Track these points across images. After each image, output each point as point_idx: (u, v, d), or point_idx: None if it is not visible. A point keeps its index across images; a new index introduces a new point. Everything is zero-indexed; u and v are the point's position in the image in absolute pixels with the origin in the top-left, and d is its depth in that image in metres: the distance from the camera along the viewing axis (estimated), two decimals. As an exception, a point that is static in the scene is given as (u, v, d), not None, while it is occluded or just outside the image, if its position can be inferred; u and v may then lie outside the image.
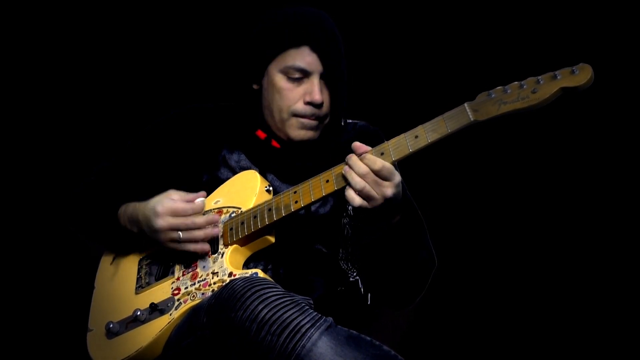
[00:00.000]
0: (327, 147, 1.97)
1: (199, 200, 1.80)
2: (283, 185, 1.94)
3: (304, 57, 1.87)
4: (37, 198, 2.93)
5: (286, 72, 1.88)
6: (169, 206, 1.76)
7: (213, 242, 1.82)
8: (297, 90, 1.88)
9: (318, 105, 1.88)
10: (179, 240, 1.77)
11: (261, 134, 1.99)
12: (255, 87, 1.98)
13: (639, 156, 2.68)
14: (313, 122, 1.90)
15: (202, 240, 1.77)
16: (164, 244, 1.80)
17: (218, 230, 1.77)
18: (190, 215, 1.77)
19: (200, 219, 1.76)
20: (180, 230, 1.75)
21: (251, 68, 1.95)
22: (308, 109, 1.88)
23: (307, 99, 1.87)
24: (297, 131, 1.91)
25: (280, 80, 1.89)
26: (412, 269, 1.81)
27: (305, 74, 1.88)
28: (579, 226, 2.82)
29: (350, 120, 2.08)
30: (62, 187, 2.10)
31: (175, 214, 1.76)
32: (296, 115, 1.89)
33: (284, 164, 1.96)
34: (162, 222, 1.76)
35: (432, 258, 1.87)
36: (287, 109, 1.89)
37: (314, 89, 1.87)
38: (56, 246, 2.90)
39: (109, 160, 2.07)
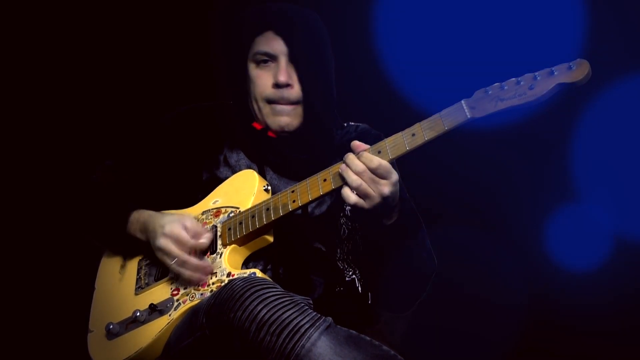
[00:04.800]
0: (326, 144, 1.97)
1: (203, 240, 1.79)
2: (282, 180, 1.94)
3: (268, 42, 1.90)
4: (37, 198, 2.92)
5: (254, 59, 1.92)
6: (176, 233, 1.77)
7: (212, 242, 1.82)
8: (266, 76, 1.91)
9: (285, 86, 1.88)
10: (171, 269, 1.79)
11: (257, 126, 1.99)
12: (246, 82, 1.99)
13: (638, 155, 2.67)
14: (285, 107, 1.91)
15: (186, 279, 1.77)
16: (153, 257, 1.84)
17: (204, 279, 1.77)
18: (188, 248, 1.77)
19: (193, 261, 1.76)
20: (174, 258, 1.77)
21: (235, 66, 1.97)
22: (277, 93, 1.90)
23: (273, 81, 1.89)
24: (272, 118, 1.92)
25: (253, 69, 1.93)
26: (411, 272, 1.81)
27: (270, 58, 1.90)
28: (577, 229, 2.81)
29: (352, 123, 2.09)
30: (65, 186, 2.10)
31: (177, 242, 1.77)
32: (269, 101, 1.91)
33: (281, 155, 1.96)
34: (163, 243, 1.77)
35: (432, 260, 1.87)
36: (260, 96, 1.92)
37: (280, 70, 1.88)
38: (56, 247, 2.90)
39: (113, 158, 2.07)
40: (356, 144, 1.66)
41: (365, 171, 1.60)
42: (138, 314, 1.80)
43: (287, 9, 1.95)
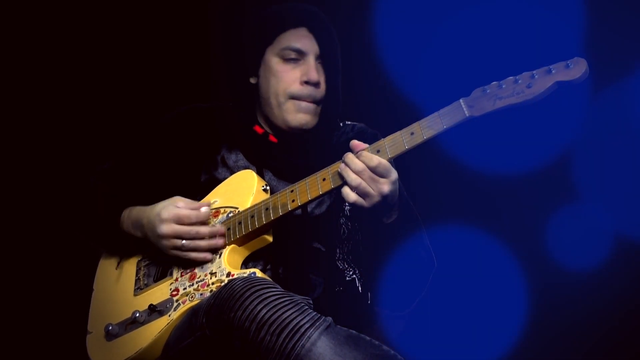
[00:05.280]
0: (325, 146, 1.98)
1: (204, 209, 1.78)
2: (280, 183, 1.94)
3: (300, 38, 1.90)
4: (36, 199, 2.92)
5: (282, 55, 1.90)
6: (174, 213, 1.76)
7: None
8: (293, 72, 1.90)
9: (315, 84, 1.89)
10: (182, 249, 1.77)
11: (259, 129, 1.99)
12: (252, 80, 1.98)
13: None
14: (310, 105, 1.90)
15: (206, 250, 1.76)
16: (167, 251, 1.80)
17: (223, 241, 1.77)
18: (194, 223, 1.76)
19: (204, 229, 1.76)
20: (184, 238, 1.75)
21: (248, 59, 1.96)
22: (305, 90, 1.89)
23: (304, 78, 1.88)
24: (295, 115, 1.90)
25: (277, 64, 1.91)
26: (410, 270, 1.81)
27: (301, 54, 1.90)
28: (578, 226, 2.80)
29: (348, 122, 2.09)
30: (62, 187, 2.10)
31: (180, 221, 1.75)
32: (293, 97, 1.90)
33: (281, 160, 1.96)
34: (166, 228, 1.76)
35: (431, 259, 1.88)
36: (283, 91, 1.90)
37: (310, 68, 1.88)
38: (55, 248, 2.90)
39: (109, 160, 2.07)
40: (355, 143, 1.67)
41: (365, 170, 1.60)
42: (137, 314, 1.80)
43: (317, 10, 1.96)
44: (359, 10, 2.86)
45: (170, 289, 1.81)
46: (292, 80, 1.89)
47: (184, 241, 1.75)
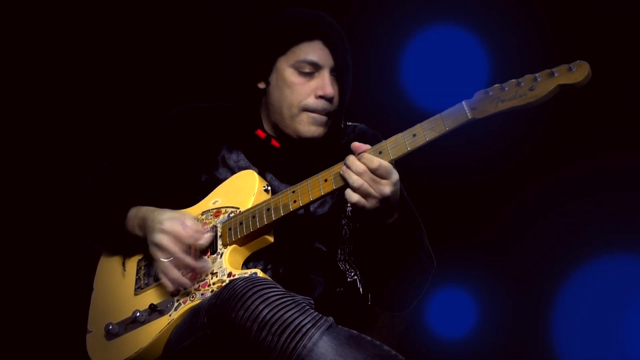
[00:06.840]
0: (327, 148, 1.98)
1: (202, 240, 1.77)
2: (282, 185, 1.93)
3: (316, 51, 1.88)
4: (36, 198, 2.92)
5: (297, 67, 1.89)
6: (176, 230, 1.75)
7: (212, 242, 1.82)
8: (308, 85, 1.89)
9: (330, 99, 1.88)
10: (160, 265, 1.76)
11: (261, 134, 1.99)
12: (260, 85, 1.96)
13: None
14: (323, 118, 1.90)
15: (175, 281, 1.75)
16: (151, 256, 1.80)
17: (194, 281, 1.75)
18: (186, 246, 1.75)
19: (188, 260, 1.74)
20: (168, 256, 1.75)
21: (259, 64, 1.94)
22: (320, 104, 1.88)
23: (319, 93, 1.87)
24: (308, 127, 1.90)
25: (291, 75, 1.89)
26: (410, 270, 1.81)
27: (316, 68, 1.89)
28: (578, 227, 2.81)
29: (350, 123, 2.09)
30: (63, 187, 2.10)
31: (175, 239, 1.75)
32: (307, 110, 1.89)
33: (283, 163, 1.96)
34: (162, 238, 1.75)
35: (430, 259, 1.88)
36: (297, 103, 1.89)
37: (326, 83, 1.87)
38: (56, 247, 2.90)
39: (110, 160, 2.07)
40: (356, 145, 1.67)
41: (366, 172, 1.61)
42: (138, 314, 1.79)
43: (332, 21, 1.94)
44: (363, 11, 2.86)
45: (171, 289, 1.81)
46: (306, 94, 1.88)
47: (164, 259, 1.74)
